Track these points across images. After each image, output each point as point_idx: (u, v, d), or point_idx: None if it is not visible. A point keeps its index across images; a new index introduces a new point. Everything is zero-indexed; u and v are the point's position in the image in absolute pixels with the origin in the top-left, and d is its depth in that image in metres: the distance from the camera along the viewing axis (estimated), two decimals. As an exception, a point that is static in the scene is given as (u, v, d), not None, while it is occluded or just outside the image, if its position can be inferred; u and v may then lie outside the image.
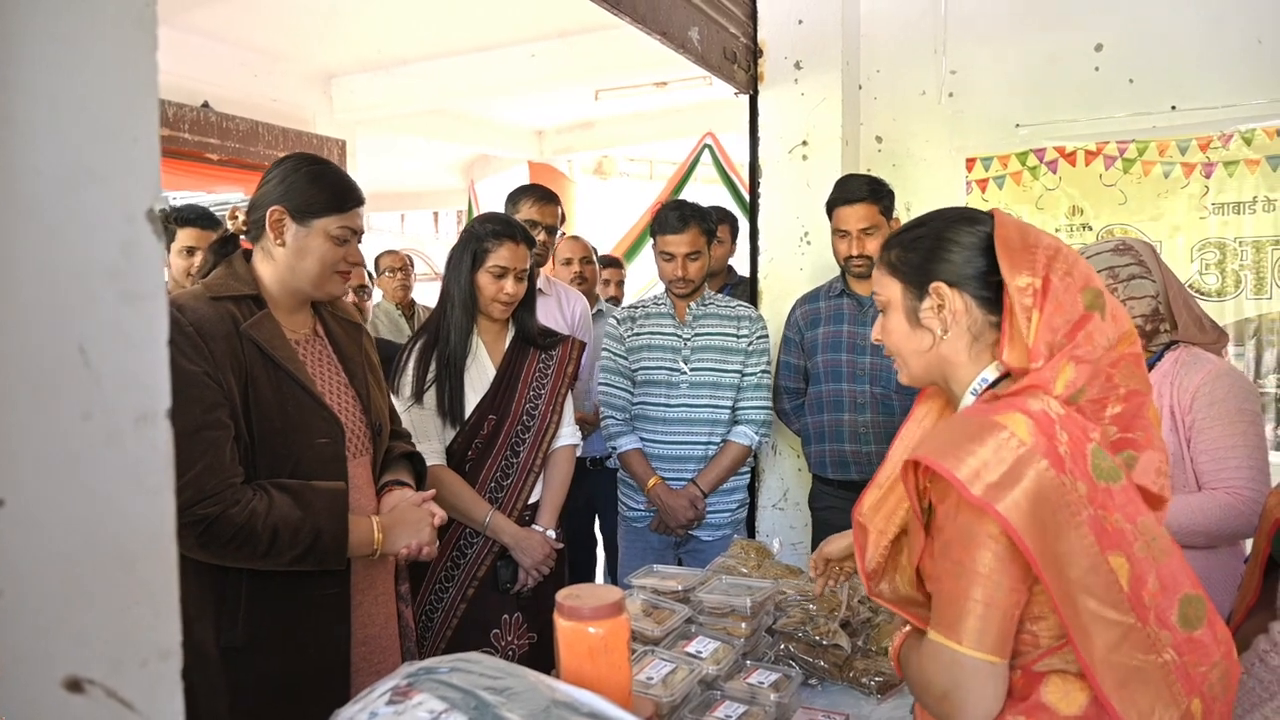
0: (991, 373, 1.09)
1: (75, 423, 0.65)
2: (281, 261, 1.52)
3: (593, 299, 3.33)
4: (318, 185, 1.51)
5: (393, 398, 2.03)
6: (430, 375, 2.08)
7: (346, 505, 1.49)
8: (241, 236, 1.58)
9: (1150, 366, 1.83)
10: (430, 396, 2.07)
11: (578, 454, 2.31)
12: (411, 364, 2.11)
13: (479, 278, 2.11)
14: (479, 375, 2.13)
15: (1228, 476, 1.70)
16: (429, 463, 2.00)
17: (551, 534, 2.16)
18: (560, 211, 2.89)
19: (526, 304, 2.20)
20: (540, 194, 2.87)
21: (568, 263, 3.40)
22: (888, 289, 1.18)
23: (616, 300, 4.11)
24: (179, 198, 5.09)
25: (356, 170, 6.42)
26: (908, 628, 1.17)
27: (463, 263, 2.13)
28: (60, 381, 0.64)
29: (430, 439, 2.06)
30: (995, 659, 0.97)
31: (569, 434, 2.25)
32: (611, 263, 4.33)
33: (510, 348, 2.19)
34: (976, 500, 0.94)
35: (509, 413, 2.12)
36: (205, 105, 5.00)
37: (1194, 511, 1.70)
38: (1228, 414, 1.72)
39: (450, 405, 2.07)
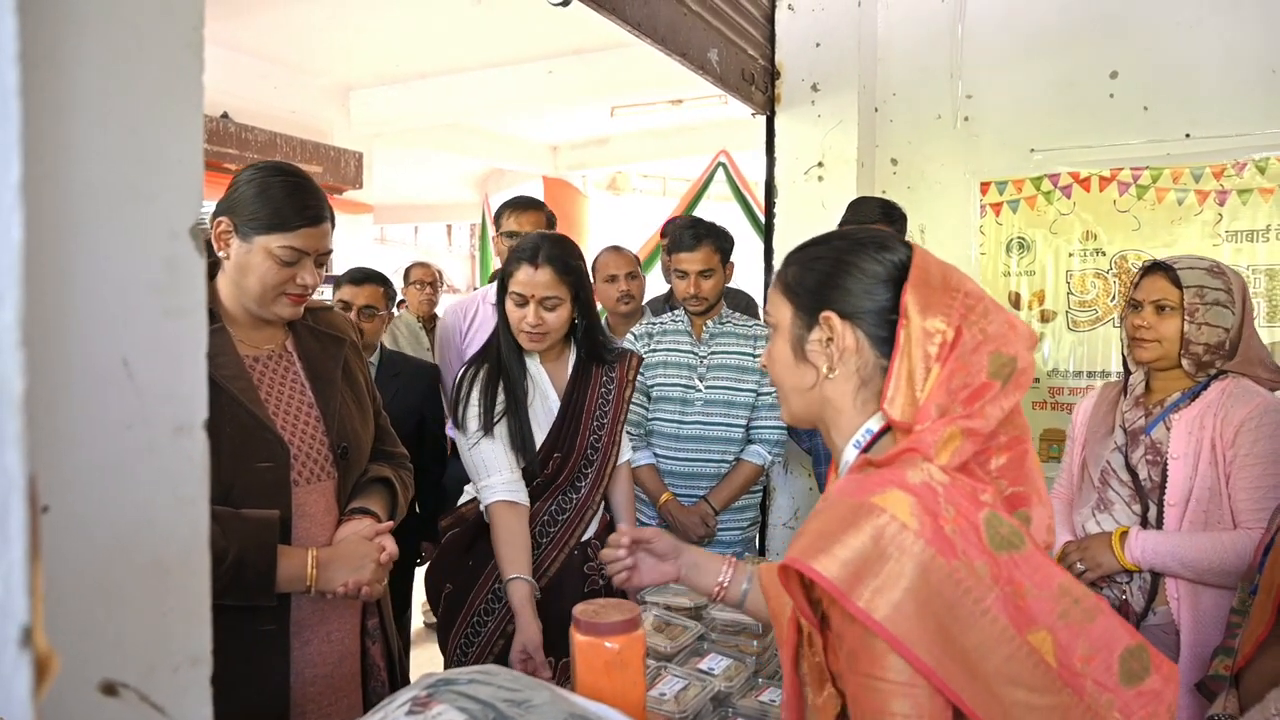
0: (875, 423, 0.97)
1: (117, 432, 0.67)
2: (227, 275, 1.44)
3: (640, 313, 3.06)
4: (263, 199, 1.41)
5: (454, 432, 1.88)
6: (500, 407, 1.90)
7: (275, 536, 1.37)
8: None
9: (1195, 395, 1.78)
10: (502, 428, 1.89)
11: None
12: (476, 394, 1.91)
13: (506, 304, 1.91)
14: (543, 409, 1.96)
15: (1266, 517, 1.62)
16: (499, 498, 1.83)
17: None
18: (545, 217, 2.73)
19: (593, 331, 1.99)
20: (517, 203, 2.75)
21: (611, 279, 2.97)
22: (778, 311, 1.04)
23: None
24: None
25: (372, 182, 6.48)
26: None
27: (500, 288, 1.94)
28: (104, 392, 0.66)
29: (500, 470, 1.86)
30: None
31: (624, 450, 2.13)
32: None
33: (574, 374, 2.00)
34: (858, 612, 0.81)
35: (574, 447, 1.96)
36: (225, 116, 5.06)
37: (1225, 551, 1.65)
38: (1272, 452, 1.65)
39: (523, 441, 1.90)
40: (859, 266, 0.97)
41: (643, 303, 3.13)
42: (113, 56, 0.66)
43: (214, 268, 1.48)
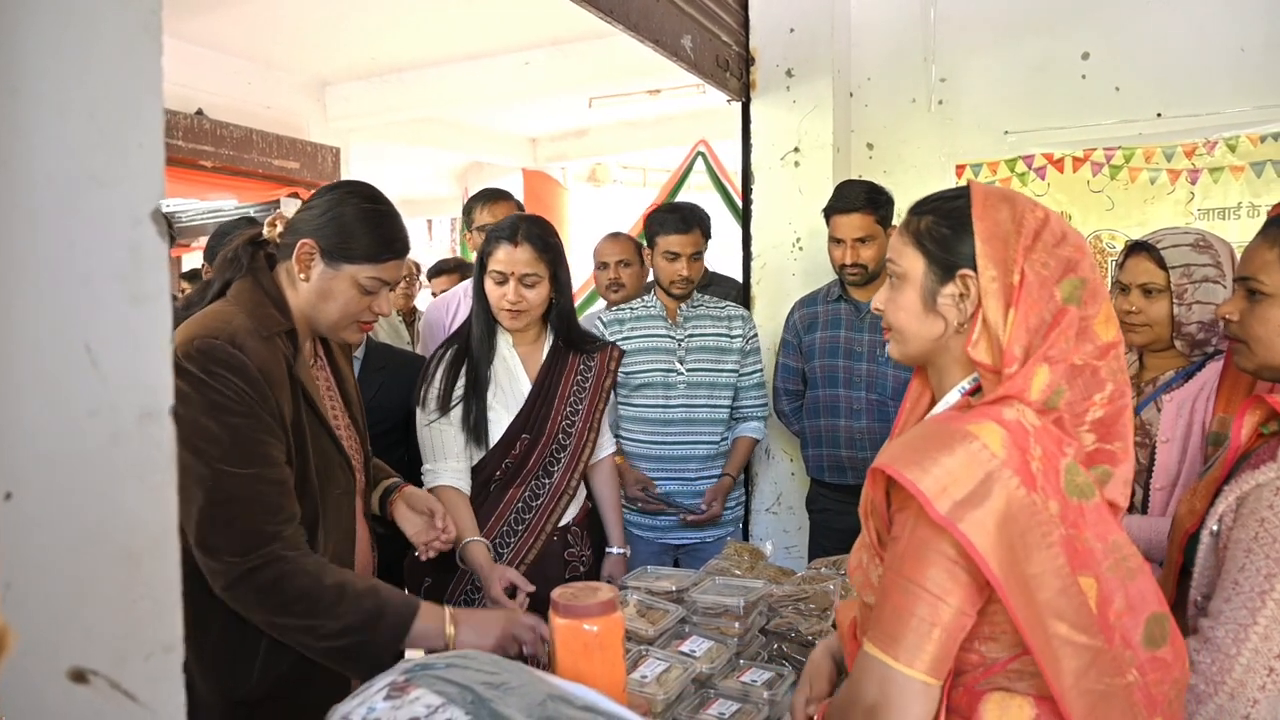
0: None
1: (81, 420, 0.66)
2: (303, 297, 1.40)
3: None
4: (357, 229, 1.38)
5: (417, 410, 1.94)
6: (459, 390, 1.94)
7: (413, 616, 1.35)
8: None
9: (1189, 375, 1.71)
10: (457, 412, 1.93)
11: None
12: (440, 374, 1.96)
13: (485, 284, 1.96)
14: (513, 391, 1.98)
15: None
16: (444, 482, 1.89)
17: (628, 551, 2.11)
18: (515, 206, 2.76)
19: (566, 309, 2.03)
20: (486, 196, 2.78)
21: (603, 266, 2.97)
22: (907, 261, 1.07)
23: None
24: (171, 205, 5.11)
25: (350, 177, 6.42)
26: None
27: (478, 268, 2.00)
28: (67, 380, 0.65)
29: (449, 456, 1.91)
30: (930, 680, 0.92)
31: (608, 443, 2.17)
32: (440, 270, 3.89)
33: (548, 358, 2.02)
34: (939, 518, 0.89)
35: (544, 431, 1.97)
36: (199, 113, 5.01)
37: (1148, 532, 1.62)
38: None
39: (475, 425, 1.92)
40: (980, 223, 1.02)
41: (638, 290, 3.08)
42: (67, 41, 0.65)
43: (271, 259, 1.44)
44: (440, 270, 3.86)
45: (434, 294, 3.68)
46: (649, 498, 2.50)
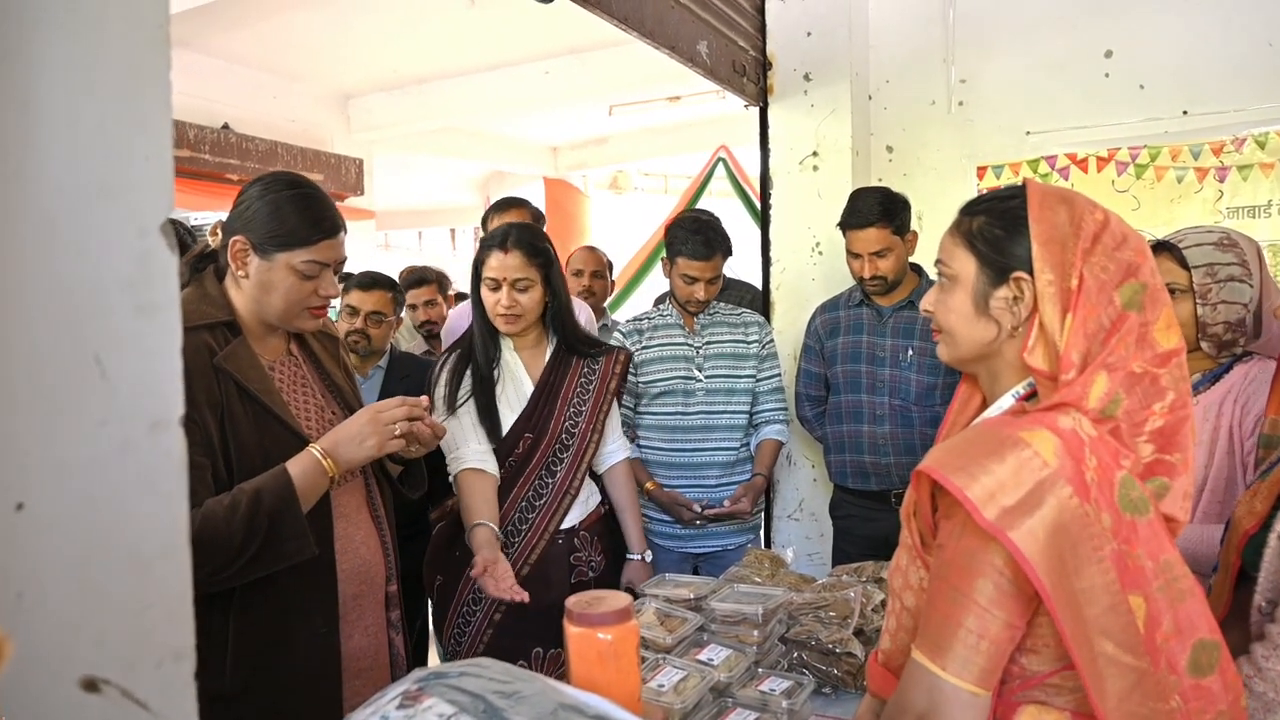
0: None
1: (92, 429, 0.67)
2: (246, 294, 1.43)
3: (599, 312, 3.25)
4: (281, 215, 1.40)
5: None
6: (464, 391, 2.01)
7: (280, 465, 1.36)
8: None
9: (1216, 378, 1.66)
10: (470, 407, 1.99)
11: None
12: (444, 377, 2.04)
13: (481, 291, 2.03)
14: (515, 393, 2.04)
15: None
16: (466, 465, 1.92)
17: (649, 556, 2.06)
18: (530, 213, 2.83)
19: (563, 312, 2.08)
20: (500, 205, 2.86)
21: (577, 274, 3.26)
22: (959, 262, 1.04)
23: (433, 325, 3.61)
24: (200, 218, 5.18)
25: (374, 188, 6.50)
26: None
27: (474, 277, 2.07)
28: (77, 390, 0.66)
29: (468, 441, 1.97)
30: (979, 690, 0.91)
31: (620, 448, 2.19)
32: (421, 280, 3.75)
33: (550, 361, 2.08)
34: (988, 525, 0.86)
35: (547, 430, 2.02)
36: (225, 127, 5.09)
37: (1194, 542, 1.55)
38: None
39: (490, 420, 1.99)
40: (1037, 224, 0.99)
41: (604, 304, 3.31)
42: (77, 54, 0.66)
43: (220, 271, 1.47)
44: (421, 280, 3.80)
45: (412, 305, 3.66)
46: (700, 515, 2.45)
